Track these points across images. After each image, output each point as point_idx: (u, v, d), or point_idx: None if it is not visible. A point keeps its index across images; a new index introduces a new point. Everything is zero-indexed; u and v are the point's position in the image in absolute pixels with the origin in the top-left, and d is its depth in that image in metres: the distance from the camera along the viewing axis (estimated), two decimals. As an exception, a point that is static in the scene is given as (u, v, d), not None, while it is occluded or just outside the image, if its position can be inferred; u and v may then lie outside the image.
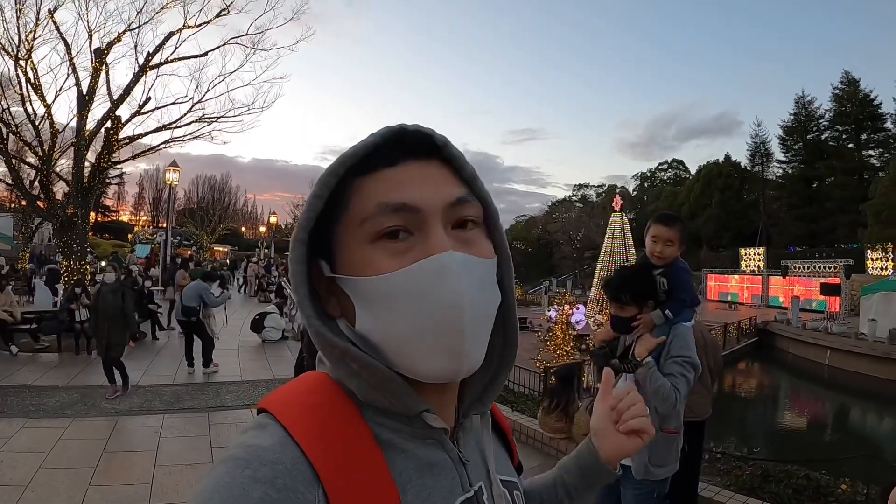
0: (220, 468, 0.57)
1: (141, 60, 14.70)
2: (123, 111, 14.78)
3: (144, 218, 72.01)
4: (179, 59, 15.34)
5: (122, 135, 14.70)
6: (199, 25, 15.23)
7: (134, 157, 16.28)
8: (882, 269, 32.44)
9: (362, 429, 0.64)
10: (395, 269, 0.62)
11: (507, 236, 0.75)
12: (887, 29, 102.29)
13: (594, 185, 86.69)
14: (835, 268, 30.95)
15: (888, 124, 52.40)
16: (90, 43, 14.26)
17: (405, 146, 0.66)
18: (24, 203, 15.32)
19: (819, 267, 33.02)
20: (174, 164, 22.89)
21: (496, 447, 0.84)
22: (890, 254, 32.72)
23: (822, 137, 56.15)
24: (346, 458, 0.60)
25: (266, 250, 45.60)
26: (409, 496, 0.62)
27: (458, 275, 0.61)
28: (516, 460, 0.91)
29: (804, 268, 34.41)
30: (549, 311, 17.12)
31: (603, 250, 20.83)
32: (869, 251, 34.59)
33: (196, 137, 16.26)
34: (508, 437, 0.92)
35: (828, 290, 26.92)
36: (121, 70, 48.33)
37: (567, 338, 12.94)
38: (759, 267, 40.17)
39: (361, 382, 0.65)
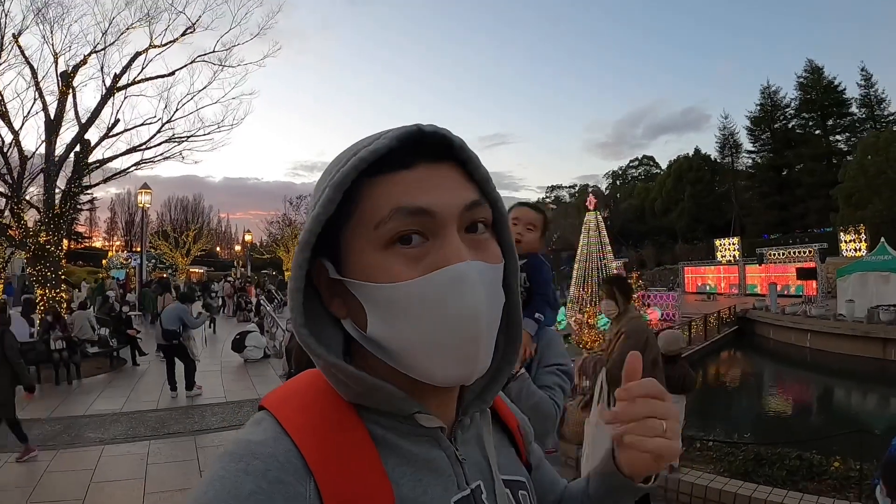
0: (216, 463, 0.58)
1: (108, 82, 14.60)
2: (92, 134, 14.66)
3: (118, 243, 70.92)
4: (147, 79, 15.25)
5: (91, 158, 14.55)
6: (166, 45, 15.17)
7: (105, 181, 16.13)
8: (856, 250, 33.06)
9: (357, 424, 0.64)
10: (410, 276, 0.60)
11: None
12: (848, 14, 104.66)
13: (567, 186, 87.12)
14: (809, 252, 31.42)
15: (853, 109, 53.70)
16: (56, 66, 14.12)
17: (419, 147, 0.63)
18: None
19: (794, 252, 33.50)
20: (145, 186, 22.64)
21: (503, 445, 0.82)
22: (863, 235, 33.36)
23: (790, 126, 57.28)
24: (339, 451, 0.61)
25: (242, 269, 45.24)
26: (402, 491, 0.62)
27: (476, 285, 0.61)
28: (524, 458, 0.88)
29: (779, 254, 34.92)
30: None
31: (579, 250, 20.98)
32: (842, 234, 35.27)
33: (167, 158, 16.17)
34: (514, 434, 0.88)
35: (804, 274, 27.39)
36: (88, 93, 47.88)
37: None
38: (734, 257, 40.72)
39: (349, 389, 0.65)
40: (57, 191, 14.17)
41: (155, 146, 15.55)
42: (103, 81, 14.63)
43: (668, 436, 0.71)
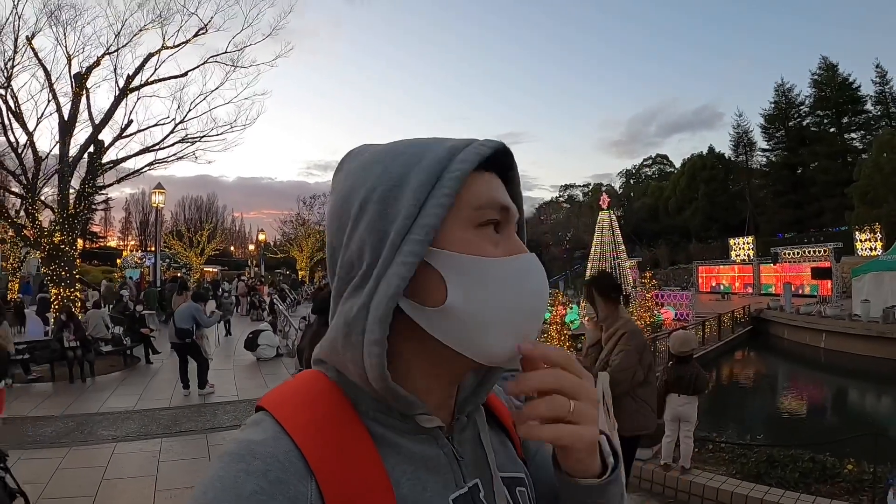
0: (216, 464, 0.58)
1: (121, 83, 14.71)
2: (106, 135, 14.78)
3: (132, 242, 71.49)
4: (159, 80, 15.35)
5: (105, 159, 14.67)
6: (178, 46, 15.26)
7: (118, 181, 16.25)
8: (871, 249, 32.72)
9: (356, 423, 0.65)
10: (496, 255, 0.66)
11: None
12: (862, 11, 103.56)
13: (580, 185, 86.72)
14: (824, 251, 31.13)
15: (868, 106, 53.08)
16: (69, 68, 14.26)
17: (490, 158, 0.69)
18: (11, 234, 15.21)
19: (808, 252, 33.20)
20: (159, 186, 22.83)
21: (499, 441, 0.82)
22: (878, 234, 33.01)
23: (804, 123, 56.68)
24: (339, 450, 0.61)
25: (256, 268, 45.46)
26: (403, 489, 0.62)
27: (542, 273, 0.70)
28: (520, 453, 0.87)
29: (794, 253, 34.61)
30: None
31: (592, 249, 20.99)
32: (857, 233, 34.90)
33: (180, 158, 16.29)
34: (509, 429, 0.87)
35: (819, 273, 27.08)
36: (101, 94, 48.27)
37: (562, 337, 12.96)
38: (749, 256, 40.42)
39: (364, 378, 0.64)
40: (71, 191, 14.32)
41: (168, 146, 15.67)
42: (116, 82, 14.77)
43: (575, 419, 0.62)
